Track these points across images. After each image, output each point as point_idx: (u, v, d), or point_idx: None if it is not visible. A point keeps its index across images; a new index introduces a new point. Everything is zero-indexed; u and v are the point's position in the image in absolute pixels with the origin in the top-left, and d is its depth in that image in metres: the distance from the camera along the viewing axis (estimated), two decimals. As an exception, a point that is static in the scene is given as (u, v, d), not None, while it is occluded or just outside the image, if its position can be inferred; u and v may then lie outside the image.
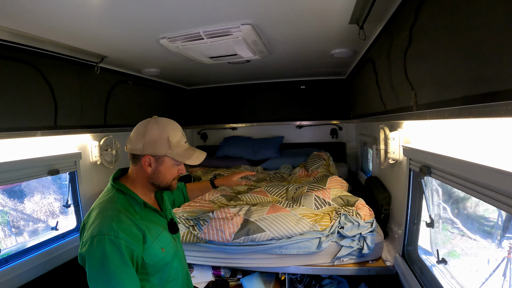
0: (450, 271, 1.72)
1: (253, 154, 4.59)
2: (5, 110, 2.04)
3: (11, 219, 3.52)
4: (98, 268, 1.18)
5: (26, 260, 2.33)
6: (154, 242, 1.34)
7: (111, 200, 1.34)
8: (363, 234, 2.16)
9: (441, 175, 1.55)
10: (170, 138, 1.39)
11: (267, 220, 2.23)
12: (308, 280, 2.66)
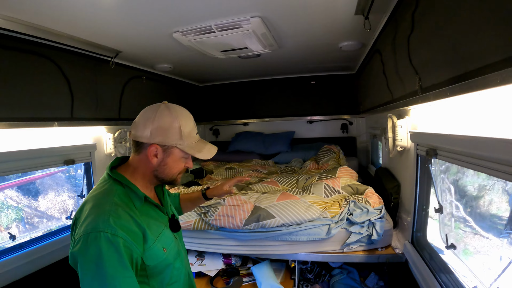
0: (459, 256, 1.72)
1: (264, 149, 4.65)
2: (24, 101, 2.15)
3: (26, 215, 3.62)
4: (93, 271, 1.03)
5: (41, 246, 2.42)
6: (156, 242, 1.20)
7: (108, 193, 1.18)
8: (372, 221, 2.18)
9: (447, 155, 1.56)
10: (181, 128, 1.25)
11: (277, 207, 2.27)
12: (318, 270, 2.68)
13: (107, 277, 1.02)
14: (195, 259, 2.57)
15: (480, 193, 1.60)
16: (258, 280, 2.34)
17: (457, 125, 1.50)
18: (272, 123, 5.02)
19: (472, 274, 1.56)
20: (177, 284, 1.32)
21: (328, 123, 4.82)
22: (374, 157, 3.98)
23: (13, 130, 2.18)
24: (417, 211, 2.05)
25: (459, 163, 1.47)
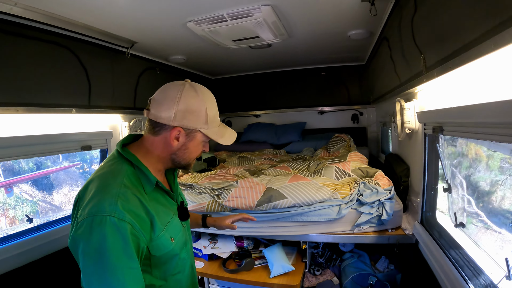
0: (468, 234, 1.74)
1: (276, 139, 4.72)
2: (44, 88, 2.28)
3: (40, 209, 3.73)
4: (95, 260, 0.94)
5: (56, 229, 2.52)
6: (164, 231, 1.12)
7: (117, 173, 1.09)
8: (381, 201, 2.21)
9: (452, 129, 1.59)
10: (208, 111, 1.17)
11: (289, 188, 2.32)
12: (329, 254, 2.72)
13: (110, 268, 0.94)
14: (208, 242, 2.63)
15: (493, 188, 1.61)
16: (269, 261, 2.39)
17: (461, 101, 1.53)
18: (284, 114, 5.09)
19: (481, 250, 1.57)
20: (180, 275, 1.26)
21: (339, 113, 4.85)
22: (385, 145, 4.01)
23: (33, 115, 2.30)
24: (426, 191, 2.07)
25: (466, 135, 1.49)
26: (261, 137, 4.78)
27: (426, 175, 2.06)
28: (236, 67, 4.44)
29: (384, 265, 2.56)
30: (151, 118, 1.14)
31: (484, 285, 1.30)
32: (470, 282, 1.35)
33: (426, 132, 2.01)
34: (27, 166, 4.20)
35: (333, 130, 4.63)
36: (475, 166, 1.72)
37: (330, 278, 2.62)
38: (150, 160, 1.17)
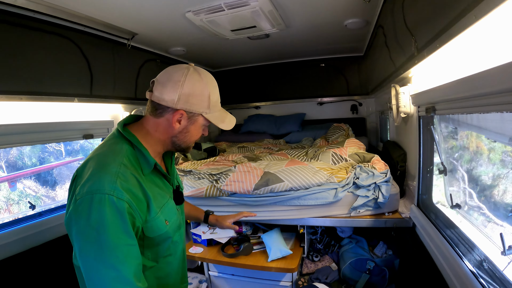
0: (464, 216, 1.75)
1: (275, 129, 4.76)
2: (47, 77, 2.35)
3: (43, 205, 3.78)
4: (93, 238, 0.95)
5: (59, 215, 2.58)
6: (159, 213, 1.14)
7: (117, 152, 1.10)
8: (377, 183, 2.23)
9: (444, 107, 1.61)
10: (210, 96, 1.19)
11: (285, 172, 2.35)
12: (327, 240, 2.74)
13: (109, 246, 0.96)
14: (207, 228, 2.67)
15: (494, 182, 1.62)
16: (267, 246, 2.42)
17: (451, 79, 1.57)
18: (283, 106, 5.13)
19: (476, 229, 1.59)
20: (172, 258, 1.29)
21: (338, 104, 4.88)
22: (383, 134, 4.03)
23: (36, 103, 2.37)
24: (422, 174, 2.09)
25: (457, 111, 1.49)
26: (261, 128, 4.82)
27: (422, 157, 2.08)
28: (236, 59, 4.48)
29: (382, 250, 2.58)
30: (154, 100, 1.15)
31: (479, 261, 1.31)
32: (464, 258, 1.37)
33: (420, 115, 2.03)
34: (30, 162, 4.26)
35: (332, 120, 4.66)
36: (476, 160, 1.73)
37: (329, 264, 2.64)
38: (150, 141, 1.19)
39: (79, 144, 4.53)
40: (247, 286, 2.65)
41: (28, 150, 4.08)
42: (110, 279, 0.96)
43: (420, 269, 1.90)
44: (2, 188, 3.73)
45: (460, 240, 1.54)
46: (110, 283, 0.96)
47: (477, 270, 1.26)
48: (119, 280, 0.97)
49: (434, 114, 1.77)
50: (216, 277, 2.74)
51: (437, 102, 1.69)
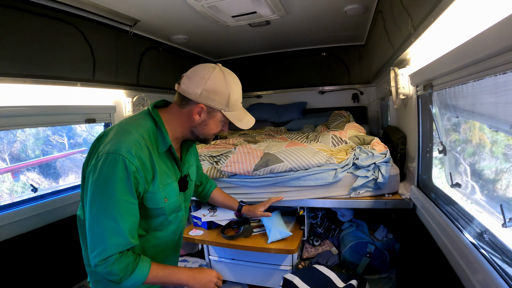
0: (464, 194, 1.73)
1: (277, 117, 4.78)
2: (51, 61, 2.40)
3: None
4: (102, 189, 1.12)
5: (60, 198, 2.62)
6: (161, 190, 1.28)
7: (141, 125, 1.26)
8: (377, 164, 2.23)
9: (441, 82, 1.60)
10: (231, 95, 1.31)
11: (285, 152, 2.36)
12: (328, 224, 2.73)
13: (113, 200, 1.12)
14: (207, 211, 2.67)
15: (497, 176, 1.62)
16: (267, 228, 2.41)
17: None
18: (285, 95, 5.16)
19: (477, 205, 1.59)
20: (160, 233, 1.40)
21: (339, 93, 4.90)
22: (384, 121, 4.02)
23: (39, 86, 2.40)
24: (421, 154, 2.09)
25: (453, 83, 1.48)
26: (262, 116, 4.85)
27: (421, 137, 2.08)
28: (237, 48, 4.51)
29: (383, 234, 2.57)
30: (180, 92, 1.30)
31: (479, 233, 1.31)
32: (464, 231, 1.37)
33: (418, 94, 2.03)
34: (34, 154, 4.29)
35: (333, 109, 4.65)
36: (478, 153, 1.72)
37: (329, 248, 2.63)
38: (172, 126, 1.33)
39: (82, 137, 4.57)
40: (248, 270, 2.65)
41: (32, 143, 4.12)
42: (108, 229, 1.13)
43: (420, 251, 1.88)
44: (6, 180, 3.75)
45: (460, 215, 1.53)
46: (107, 232, 1.13)
47: (478, 242, 1.25)
48: (115, 231, 1.13)
49: (432, 91, 1.77)
50: (216, 262, 2.74)
51: (434, 77, 1.69)
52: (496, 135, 1.49)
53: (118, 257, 1.15)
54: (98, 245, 1.13)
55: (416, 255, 1.91)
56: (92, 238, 1.14)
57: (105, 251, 1.13)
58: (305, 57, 4.80)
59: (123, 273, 1.17)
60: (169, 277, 1.30)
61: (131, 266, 1.18)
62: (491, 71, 1.11)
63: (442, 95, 1.77)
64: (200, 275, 1.39)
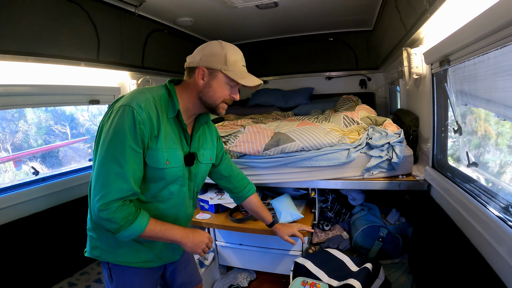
0: (482, 173, 1.66)
1: (283, 102, 4.71)
2: (54, 40, 2.34)
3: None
4: (111, 137, 1.21)
5: (63, 180, 2.56)
6: (163, 150, 1.33)
7: (154, 90, 1.36)
8: (391, 143, 2.16)
9: (458, 56, 1.54)
10: (227, 55, 1.37)
11: (297, 131, 2.30)
12: (338, 208, 2.67)
13: (120, 146, 1.21)
14: (214, 194, 2.60)
15: (502, 169, 1.58)
16: (277, 210, 2.35)
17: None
18: (291, 80, 5.09)
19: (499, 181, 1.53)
20: (162, 205, 1.45)
21: (347, 79, 4.84)
22: (393, 106, 3.95)
23: (43, 65, 2.34)
24: (436, 134, 2.02)
25: (472, 55, 1.42)
26: (269, 101, 4.77)
27: (436, 116, 2.01)
28: (243, 32, 4.43)
29: (395, 217, 2.51)
30: (186, 66, 1.42)
31: (504, 207, 1.25)
32: (488, 206, 1.31)
33: (433, 72, 1.97)
34: (36, 144, 4.24)
35: (341, 95, 4.54)
36: (484, 145, 1.69)
37: (340, 233, 2.57)
38: (183, 97, 1.41)
39: (84, 127, 4.51)
40: (256, 256, 2.59)
41: (34, 132, 4.07)
42: (112, 173, 1.21)
43: (436, 234, 1.81)
44: (8, 169, 3.70)
45: (481, 191, 1.46)
46: (112, 176, 1.21)
47: (504, 215, 1.19)
48: (119, 176, 1.22)
49: (449, 66, 1.71)
50: (223, 247, 2.68)
51: (450, 52, 1.63)
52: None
53: (121, 205, 1.23)
54: (102, 188, 1.21)
55: (431, 238, 1.84)
56: (97, 182, 1.22)
57: (108, 195, 1.20)
58: (312, 42, 4.72)
59: (123, 222, 1.24)
60: (164, 232, 1.38)
61: (131, 216, 1.26)
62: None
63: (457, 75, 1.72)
64: (194, 234, 1.46)
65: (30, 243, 2.20)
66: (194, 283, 1.94)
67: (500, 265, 1.12)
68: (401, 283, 2.10)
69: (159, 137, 1.32)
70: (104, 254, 1.46)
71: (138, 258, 1.50)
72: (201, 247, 1.48)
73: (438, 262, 1.67)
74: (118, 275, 1.51)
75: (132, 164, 1.23)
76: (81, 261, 2.58)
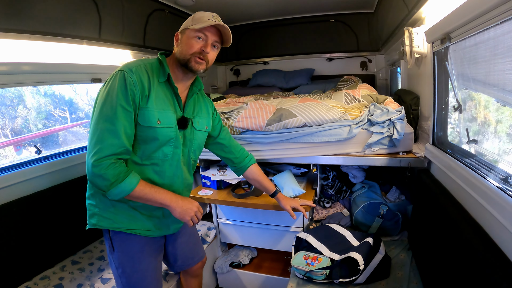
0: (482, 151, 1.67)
1: (284, 82, 4.70)
2: (55, 18, 2.32)
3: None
4: (104, 98, 1.32)
5: (66, 158, 2.59)
6: (154, 109, 1.42)
7: (145, 60, 1.49)
8: (392, 120, 2.18)
9: (459, 32, 1.55)
10: (194, 15, 1.48)
11: (299, 107, 2.31)
12: (339, 185, 2.69)
13: (112, 105, 1.31)
14: (216, 171, 2.62)
15: (497, 160, 1.59)
16: (280, 186, 2.38)
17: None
18: (292, 61, 5.08)
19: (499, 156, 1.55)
20: (155, 167, 1.51)
21: (348, 60, 4.84)
22: (393, 87, 3.96)
23: (45, 43, 2.32)
24: (437, 111, 2.04)
25: (473, 31, 1.42)
26: (269, 82, 4.76)
27: (436, 94, 2.03)
28: (245, 13, 4.41)
29: (395, 195, 2.54)
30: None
31: (504, 178, 1.26)
32: (488, 177, 1.33)
33: (435, 50, 1.98)
34: (36, 128, 4.23)
35: (341, 76, 4.53)
36: (483, 132, 1.69)
37: (340, 210, 2.60)
38: (170, 64, 1.53)
39: (84, 111, 4.50)
40: (257, 233, 2.62)
41: (33, 117, 4.06)
42: (105, 130, 1.31)
43: (435, 211, 1.82)
44: (9, 154, 3.70)
45: (481, 165, 1.48)
46: (105, 133, 1.31)
47: (504, 186, 1.21)
48: (112, 132, 1.31)
49: (450, 44, 1.71)
50: (224, 224, 2.71)
51: (452, 30, 1.63)
52: None
53: (113, 162, 1.32)
54: (96, 145, 1.30)
55: (431, 214, 1.86)
56: (91, 140, 1.31)
57: (101, 151, 1.29)
58: (313, 23, 4.70)
59: (114, 179, 1.32)
60: (154, 194, 1.44)
61: (122, 174, 1.34)
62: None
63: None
64: (183, 201, 1.51)
65: (33, 222, 2.21)
66: (197, 258, 2.01)
67: (500, 235, 1.15)
68: (400, 259, 2.12)
69: (149, 97, 1.40)
70: (102, 221, 1.51)
71: (136, 225, 1.56)
72: (190, 214, 1.51)
73: (438, 237, 1.69)
74: (119, 244, 1.57)
75: (123, 121, 1.33)
76: (84, 239, 2.60)
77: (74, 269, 2.32)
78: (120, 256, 1.58)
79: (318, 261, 1.97)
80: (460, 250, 1.35)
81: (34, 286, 2.11)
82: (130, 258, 1.59)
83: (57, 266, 2.35)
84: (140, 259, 1.61)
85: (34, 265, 2.21)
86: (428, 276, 1.77)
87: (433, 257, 1.73)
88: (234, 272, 2.78)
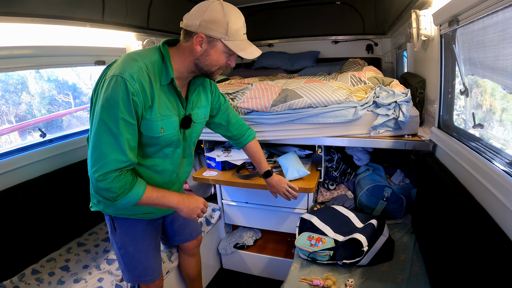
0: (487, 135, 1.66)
1: (289, 65, 4.67)
2: (60, 1, 2.30)
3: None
4: (105, 108, 1.21)
5: (70, 141, 2.62)
6: (158, 119, 1.36)
7: (147, 57, 1.33)
8: (398, 102, 2.16)
9: (469, 14, 1.51)
10: (229, 24, 1.32)
11: (304, 88, 2.30)
12: (343, 168, 2.70)
13: (114, 117, 1.22)
14: (221, 152, 2.63)
15: (503, 146, 1.57)
16: (284, 167, 2.38)
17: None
18: (297, 44, 5.03)
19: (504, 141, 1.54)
20: (156, 167, 1.51)
21: (353, 43, 4.79)
22: (399, 71, 3.92)
23: (48, 26, 2.32)
24: (443, 94, 2.01)
25: (480, 13, 1.39)
26: (274, 64, 4.73)
27: (443, 77, 2.01)
28: None
29: (400, 178, 2.54)
30: (182, 27, 1.37)
31: (509, 162, 1.25)
32: (494, 161, 1.32)
33: (442, 33, 1.95)
34: (40, 114, 4.25)
35: (347, 59, 4.48)
36: (488, 119, 1.67)
37: (345, 192, 2.61)
38: (177, 61, 1.39)
39: (88, 96, 4.50)
40: (261, 214, 2.63)
41: (37, 102, 4.07)
42: (108, 144, 1.25)
43: (439, 195, 1.82)
44: (13, 140, 3.72)
45: (487, 149, 1.47)
46: (108, 148, 1.25)
47: (510, 169, 1.20)
48: (115, 147, 1.25)
49: (457, 26, 1.69)
50: (229, 206, 2.72)
51: (460, 12, 1.60)
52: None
53: (118, 175, 1.28)
54: (99, 160, 1.25)
55: (435, 198, 1.86)
56: (93, 153, 1.26)
57: (105, 166, 1.25)
58: (319, 5, 4.62)
59: (121, 191, 1.30)
60: (161, 199, 1.45)
61: (128, 185, 1.32)
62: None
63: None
64: (189, 200, 1.54)
65: (38, 205, 2.22)
66: (194, 234, 2.08)
67: (505, 218, 1.14)
68: (404, 242, 2.12)
69: (153, 107, 1.33)
70: (106, 208, 1.57)
71: (138, 210, 1.62)
72: (196, 212, 1.56)
73: (441, 220, 1.69)
74: (121, 226, 1.63)
75: (126, 135, 1.27)
76: (90, 221, 2.62)
77: (80, 250, 2.35)
78: (123, 237, 1.64)
79: (322, 242, 1.98)
80: (464, 234, 1.35)
81: (40, 268, 2.13)
82: (133, 239, 1.65)
83: (63, 248, 2.37)
84: (142, 238, 1.67)
85: (40, 247, 2.23)
86: (431, 259, 1.78)
87: (436, 241, 1.73)
88: (238, 253, 2.80)
